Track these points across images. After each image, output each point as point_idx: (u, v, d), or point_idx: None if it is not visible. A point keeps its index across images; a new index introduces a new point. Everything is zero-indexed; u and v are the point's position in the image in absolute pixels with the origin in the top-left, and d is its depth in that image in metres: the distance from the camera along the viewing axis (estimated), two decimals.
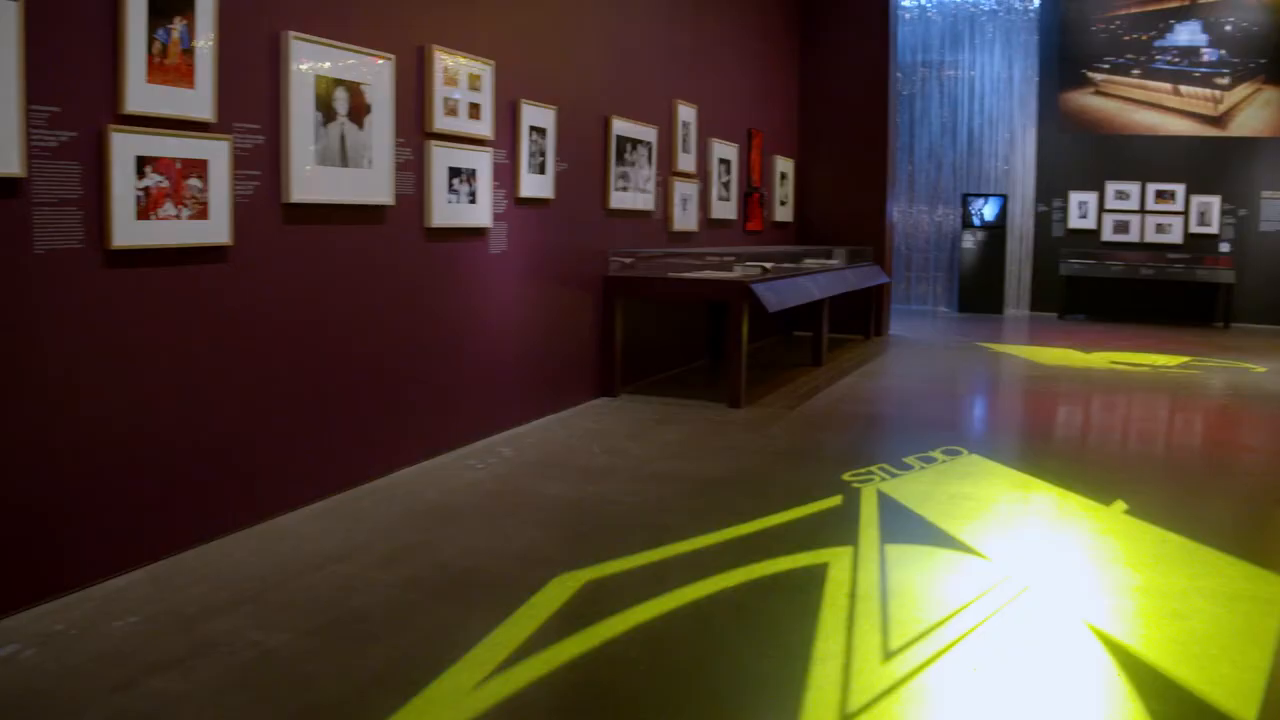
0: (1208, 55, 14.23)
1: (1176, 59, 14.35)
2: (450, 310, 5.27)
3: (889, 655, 2.99)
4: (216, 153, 3.75)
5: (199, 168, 3.68)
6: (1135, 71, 14.48)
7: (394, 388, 4.84)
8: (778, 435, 6.12)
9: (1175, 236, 14.41)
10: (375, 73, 4.56)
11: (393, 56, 4.66)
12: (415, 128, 4.94)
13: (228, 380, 3.88)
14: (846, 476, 5.09)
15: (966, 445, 5.91)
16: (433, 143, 5.03)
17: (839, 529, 4.23)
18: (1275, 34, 14.01)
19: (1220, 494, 5.18)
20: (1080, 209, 14.74)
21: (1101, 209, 14.69)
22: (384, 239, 4.74)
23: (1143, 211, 14.56)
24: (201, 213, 3.70)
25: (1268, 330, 13.77)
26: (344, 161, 4.41)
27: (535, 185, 6.04)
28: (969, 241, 14.67)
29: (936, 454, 5.65)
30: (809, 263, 9.69)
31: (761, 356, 9.41)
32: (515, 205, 5.87)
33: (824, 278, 8.82)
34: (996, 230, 14.63)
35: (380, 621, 3.16)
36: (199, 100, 3.67)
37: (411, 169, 4.92)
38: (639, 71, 7.40)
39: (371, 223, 4.66)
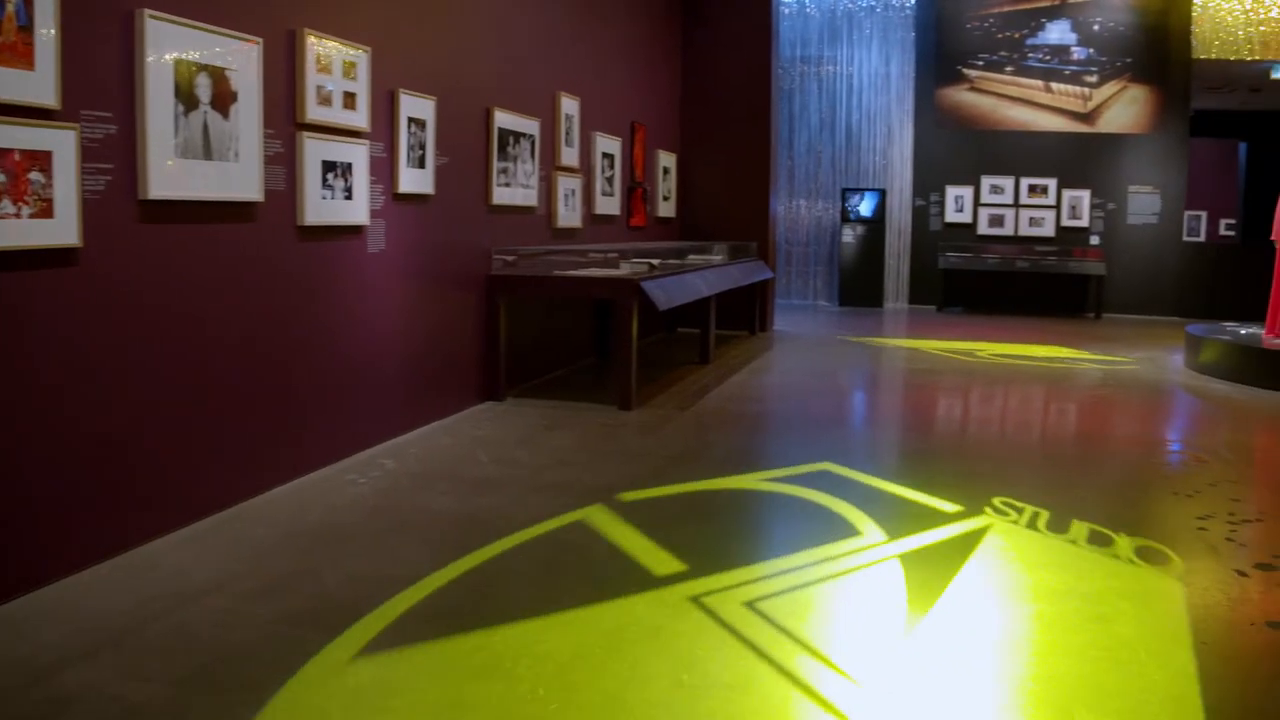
0: (1077, 54, 14.60)
1: (1048, 57, 14.69)
2: (326, 314, 4.94)
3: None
4: (61, 143, 3.37)
5: (42, 160, 3.30)
6: (1008, 69, 14.78)
7: (267, 399, 4.49)
8: (670, 438, 5.93)
9: (1048, 230, 14.80)
10: (241, 57, 4.21)
11: (260, 40, 4.31)
12: (286, 118, 4.59)
13: (81, 398, 3.50)
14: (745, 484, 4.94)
15: (852, 447, 5.82)
16: (305, 134, 4.69)
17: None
18: (1141, 34, 14.47)
19: (1101, 488, 5.18)
20: (957, 203, 14.98)
21: (977, 203, 14.97)
22: (253, 238, 4.38)
23: (1017, 205, 14.89)
24: (45, 211, 3.32)
25: (1137, 320, 14.24)
26: (207, 154, 4.04)
27: (415, 180, 5.72)
28: (848, 236, 14.76)
29: (824, 466, 5.52)
30: (694, 259, 9.54)
31: (648, 355, 9.22)
32: (394, 201, 5.55)
33: (712, 274, 8.68)
34: (875, 224, 14.75)
35: (261, 664, 2.84)
36: (40, 83, 3.28)
37: (282, 162, 4.57)
38: (521, 62, 7.12)
39: (239, 221, 4.30)
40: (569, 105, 7.86)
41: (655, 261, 8.19)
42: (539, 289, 7.00)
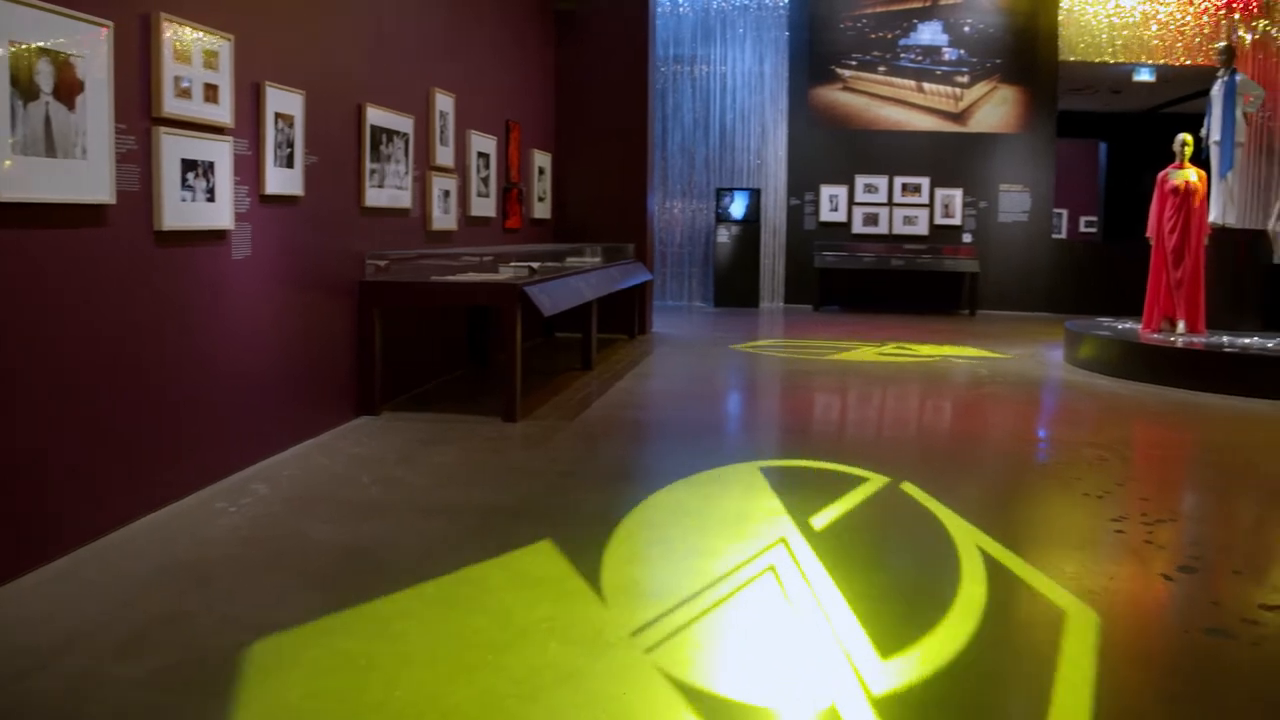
0: (948, 54, 14.85)
1: (920, 57, 14.89)
2: (188, 327, 4.51)
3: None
4: None
5: None
6: (881, 69, 14.93)
7: (124, 422, 4.05)
8: (560, 452, 5.65)
9: (921, 228, 15.03)
10: (89, 43, 3.77)
11: (110, 24, 3.87)
12: (140, 111, 4.16)
13: None
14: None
15: (751, 458, 5.65)
16: (162, 129, 4.26)
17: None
18: (1010, 35, 14.80)
19: (1014, 493, 5.11)
20: (831, 202, 15.08)
21: (852, 202, 15.09)
22: (104, 245, 3.94)
23: (891, 204, 15.07)
24: None
25: (1010, 316, 14.58)
26: (50, 151, 3.60)
27: (282, 181, 5.31)
28: (723, 236, 14.68)
29: (725, 470, 5.33)
30: (573, 261, 9.29)
31: (529, 361, 8.89)
32: (260, 203, 5.13)
33: (593, 277, 8.43)
34: (750, 224, 14.70)
35: None
36: None
37: (136, 160, 4.13)
38: (394, 55, 6.74)
39: (88, 225, 3.86)
40: (444, 102, 7.50)
41: (535, 265, 7.91)
42: (416, 296, 6.65)
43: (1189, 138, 9.57)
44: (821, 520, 4.36)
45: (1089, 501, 4.89)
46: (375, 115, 6.38)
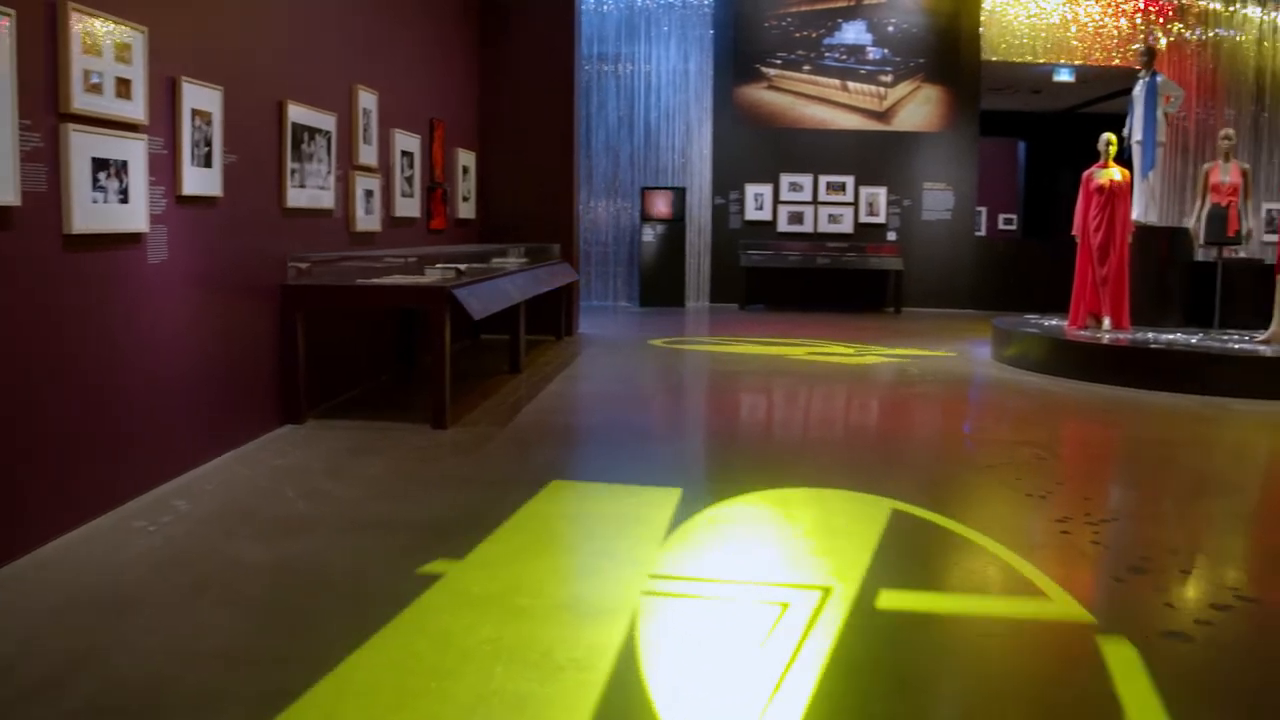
0: (872, 54, 14.93)
1: (844, 56, 14.95)
2: (100, 336, 4.26)
3: None
4: None
5: None
6: (806, 68, 14.96)
7: (31, 437, 3.80)
8: (494, 460, 5.49)
9: (846, 226, 15.11)
10: None
11: (12, 13, 3.61)
12: (46, 107, 3.90)
13: None
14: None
15: (690, 466, 5.54)
16: (71, 126, 4.00)
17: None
18: (933, 35, 14.94)
19: (960, 494, 5.07)
20: (756, 201, 15.07)
21: (777, 200, 15.09)
22: (7, 250, 3.69)
23: (815, 203, 15.10)
24: None
25: (935, 314, 14.72)
26: None
27: (200, 181, 5.07)
28: (649, 235, 14.56)
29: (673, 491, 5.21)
30: (499, 262, 9.09)
31: (457, 364, 8.64)
32: (177, 205, 4.88)
33: (521, 278, 8.27)
34: (676, 223, 14.61)
35: None
36: None
37: (43, 159, 3.87)
38: (316, 51, 6.50)
39: None
40: (367, 99, 7.27)
41: (463, 267, 7.71)
42: (340, 299, 6.43)
43: (1113, 137, 9.72)
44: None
45: (1032, 502, 4.87)
46: (297, 112, 6.14)
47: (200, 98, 5.02)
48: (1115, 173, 9.60)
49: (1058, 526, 4.44)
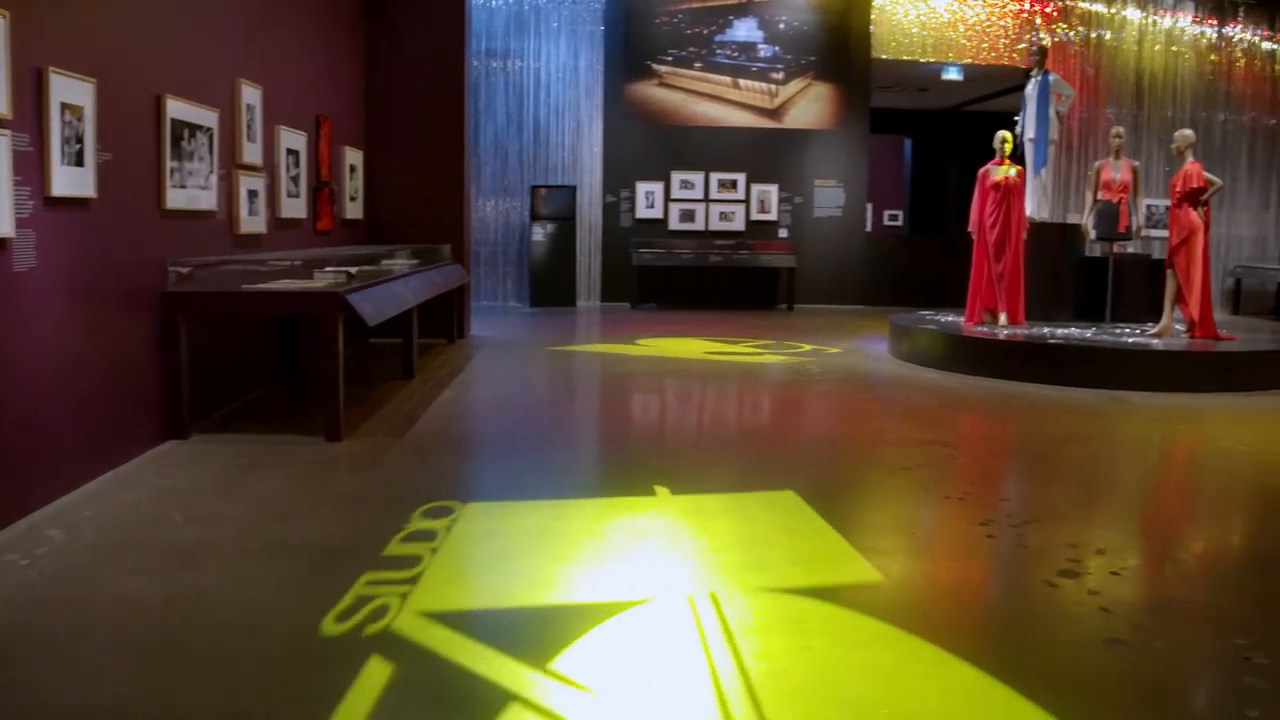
0: (764, 51, 14.94)
1: (735, 54, 14.93)
2: None
3: None
4: None
5: None
6: (697, 65, 14.89)
7: None
8: (394, 475, 5.23)
9: (738, 224, 15.13)
10: None
11: None
12: None
13: None
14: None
15: (601, 475, 5.37)
16: None
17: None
18: (824, 33, 15.03)
19: (878, 500, 4.99)
20: (647, 199, 14.95)
21: (668, 199, 14.99)
22: None
23: (707, 200, 15.06)
24: None
25: (826, 310, 14.84)
26: None
27: (71, 181, 4.69)
28: (539, 234, 14.31)
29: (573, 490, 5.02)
30: (389, 264, 8.77)
31: (346, 371, 8.32)
32: (46, 207, 4.50)
33: (415, 281, 7.98)
34: (566, 222, 14.38)
35: None
36: None
37: None
38: (196, 42, 6.12)
39: None
40: (250, 94, 6.90)
41: (353, 270, 7.38)
42: (226, 306, 6.07)
43: (1009, 135, 9.86)
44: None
45: (952, 505, 4.84)
46: (176, 108, 5.76)
47: (70, 90, 4.64)
48: (1011, 169, 9.74)
49: (981, 530, 4.39)
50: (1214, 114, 15.99)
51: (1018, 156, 10.14)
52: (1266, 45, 16.24)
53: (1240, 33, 16.17)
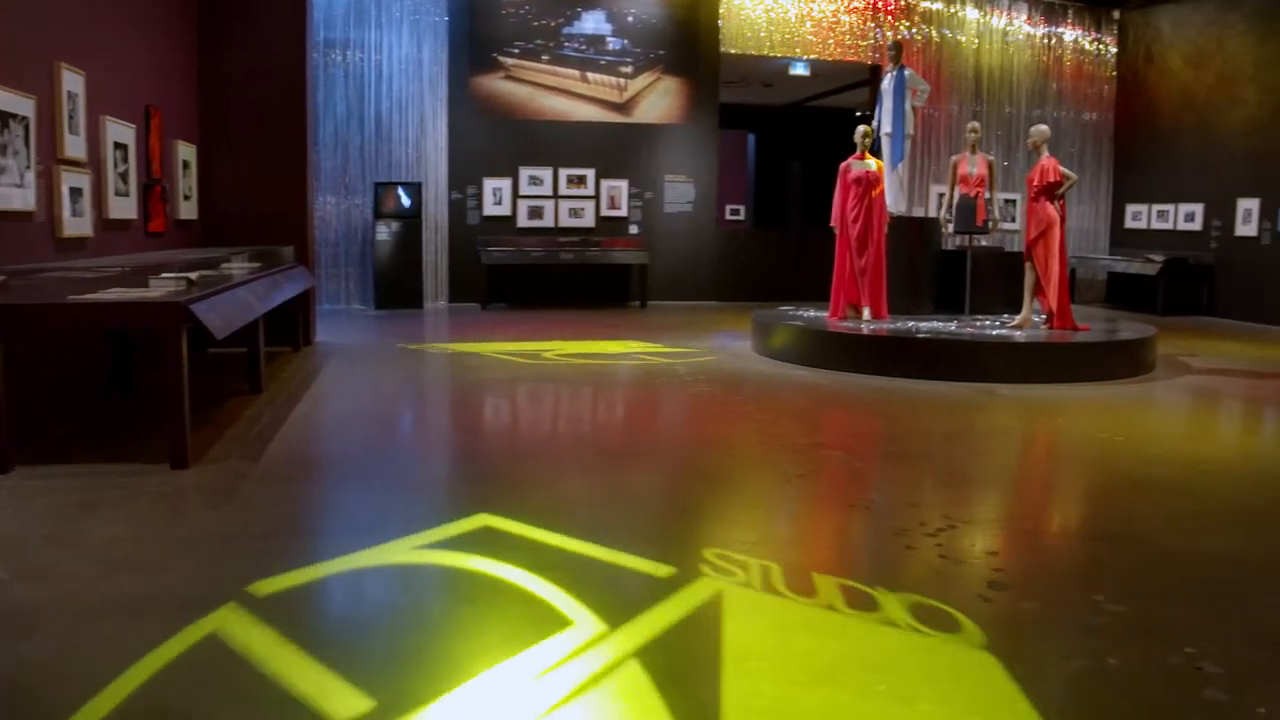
0: (612, 44, 14.64)
1: (584, 47, 14.57)
2: None
3: None
4: None
5: None
6: (545, 57, 14.48)
7: None
8: (251, 507, 4.67)
9: (588, 220, 14.83)
10: None
11: None
12: None
13: None
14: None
15: (494, 491, 4.91)
16: None
17: None
18: (672, 27, 14.81)
19: (788, 515, 4.70)
20: (495, 195, 14.46)
21: (516, 195, 14.55)
22: None
23: (556, 196, 14.68)
24: None
25: (680, 306, 14.71)
26: None
27: None
28: (383, 233, 13.64)
29: (481, 520, 4.56)
30: (227, 268, 8.07)
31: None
32: None
33: (261, 286, 7.35)
34: (411, 220, 13.75)
35: None
36: None
37: None
38: (8, 20, 5.40)
39: None
40: (72, 81, 6.18)
41: (193, 276, 6.71)
42: (49, 320, 5.34)
43: (869, 129, 9.81)
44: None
45: (861, 514, 4.65)
46: None
47: None
48: (871, 164, 9.68)
49: (898, 540, 4.19)
50: (1047, 111, 16.46)
51: (875, 151, 10.11)
52: (1093, 45, 16.82)
53: (1070, 33, 16.70)
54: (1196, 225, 15.09)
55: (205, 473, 5.22)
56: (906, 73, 10.54)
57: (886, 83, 10.61)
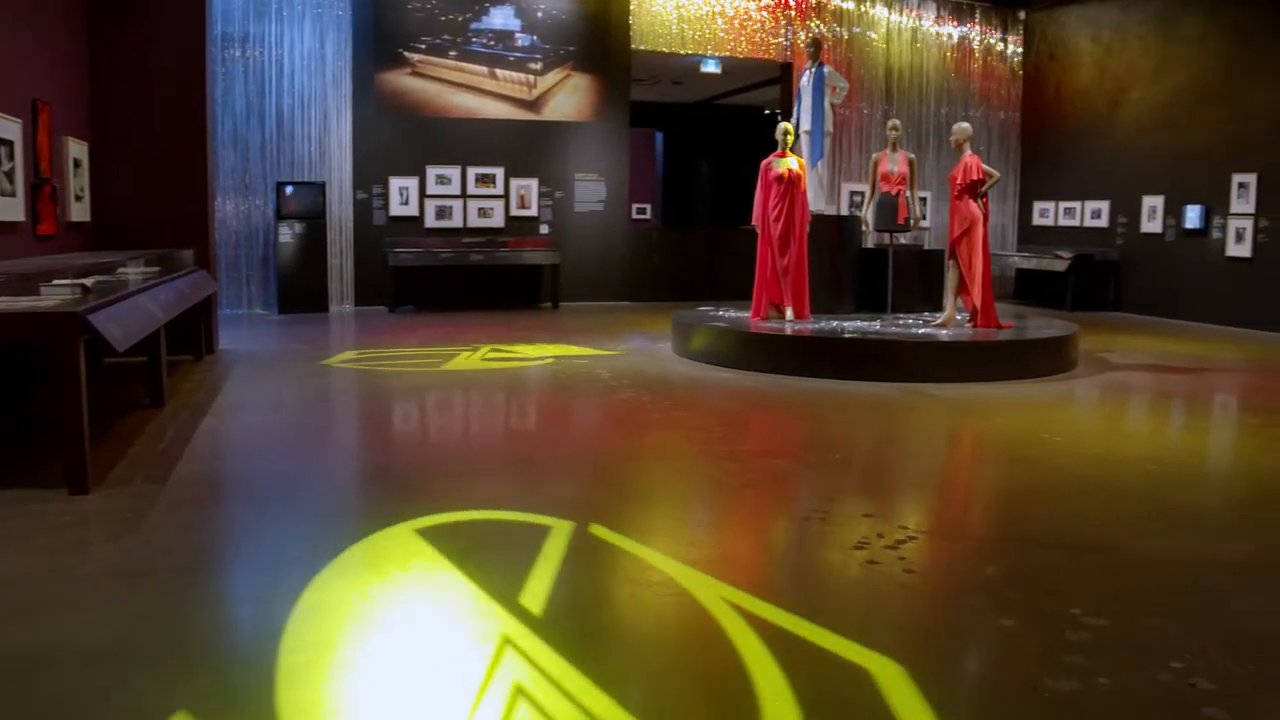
0: (521, 40, 14.36)
1: (492, 42, 14.26)
2: None
3: None
4: None
5: None
6: (452, 53, 14.12)
7: None
8: (163, 537, 4.30)
9: (498, 220, 14.55)
10: None
11: None
12: None
13: None
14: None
15: (390, 506, 4.61)
16: None
17: None
18: (583, 22, 14.57)
19: (744, 526, 4.49)
20: (402, 195, 14.04)
21: (423, 195, 14.15)
22: None
23: (464, 196, 14.33)
24: None
25: (593, 307, 14.50)
26: None
27: None
28: (286, 234, 13.12)
29: (377, 538, 4.25)
30: (123, 273, 7.60)
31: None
32: None
33: (164, 293, 6.92)
34: (315, 221, 13.25)
35: None
36: None
37: None
38: None
39: None
40: None
41: (89, 283, 6.26)
42: None
43: (790, 126, 9.69)
44: (535, 599, 3.47)
45: (817, 527, 4.48)
46: None
47: None
48: (793, 161, 9.56)
49: (859, 555, 4.03)
50: (955, 109, 16.60)
51: (795, 149, 10.00)
52: (999, 45, 17.02)
53: (977, 33, 16.87)
54: (1103, 222, 15.35)
55: (108, 498, 4.83)
56: (825, 70, 10.46)
57: (805, 80, 10.52)
